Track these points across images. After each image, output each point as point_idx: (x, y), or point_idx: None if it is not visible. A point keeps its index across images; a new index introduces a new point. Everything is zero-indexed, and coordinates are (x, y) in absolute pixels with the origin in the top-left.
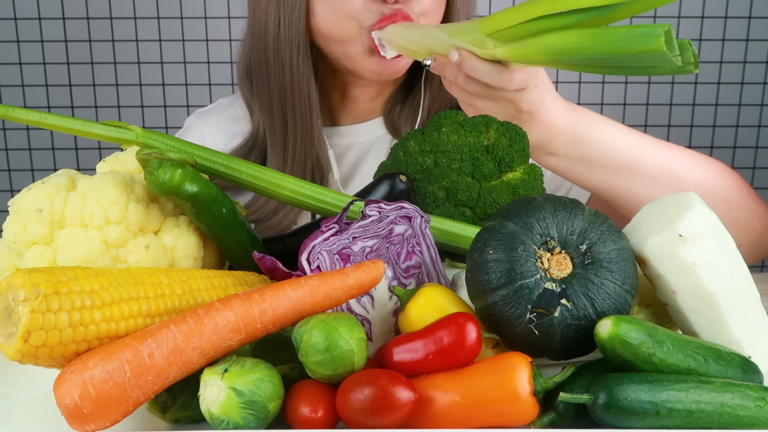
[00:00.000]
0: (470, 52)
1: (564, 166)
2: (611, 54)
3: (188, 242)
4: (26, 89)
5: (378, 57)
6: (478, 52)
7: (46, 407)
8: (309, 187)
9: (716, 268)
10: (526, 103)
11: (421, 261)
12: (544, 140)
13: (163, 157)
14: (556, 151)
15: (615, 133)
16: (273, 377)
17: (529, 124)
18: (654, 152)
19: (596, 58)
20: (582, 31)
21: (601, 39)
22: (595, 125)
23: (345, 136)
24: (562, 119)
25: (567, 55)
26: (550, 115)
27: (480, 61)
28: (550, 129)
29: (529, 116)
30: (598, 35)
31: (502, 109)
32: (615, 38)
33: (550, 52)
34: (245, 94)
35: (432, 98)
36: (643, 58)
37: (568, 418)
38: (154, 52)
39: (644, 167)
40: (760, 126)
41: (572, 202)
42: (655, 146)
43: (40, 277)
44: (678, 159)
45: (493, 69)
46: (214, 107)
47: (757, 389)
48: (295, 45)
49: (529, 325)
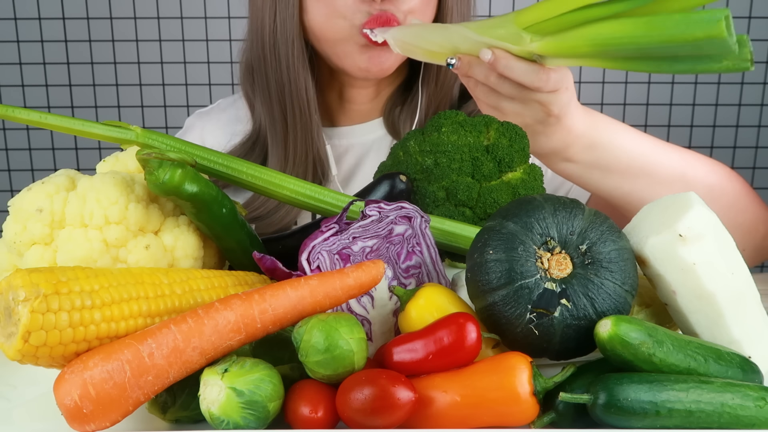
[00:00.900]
0: (505, 51)
1: (579, 173)
2: (666, 43)
3: (188, 242)
4: (26, 89)
5: (366, 54)
6: (513, 49)
7: (46, 407)
8: (309, 187)
9: (716, 268)
10: (556, 106)
11: (421, 261)
12: (564, 145)
13: (163, 157)
14: (572, 157)
15: (630, 138)
16: (273, 377)
17: (554, 128)
18: (667, 157)
19: (649, 48)
20: (633, 20)
21: (655, 26)
22: (610, 130)
23: (344, 137)
24: (580, 124)
25: (616, 46)
26: (573, 119)
27: (516, 60)
28: (571, 133)
29: (556, 120)
30: (652, 22)
31: (531, 112)
32: (670, 24)
33: (596, 44)
34: (246, 91)
35: (429, 98)
36: (700, 47)
37: (568, 418)
38: (154, 52)
39: (658, 172)
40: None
41: (572, 202)
42: (667, 151)
43: (40, 277)
44: (689, 163)
45: (531, 68)
46: (214, 108)
47: (757, 389)
48: (290, 41)
49: (529, 325)
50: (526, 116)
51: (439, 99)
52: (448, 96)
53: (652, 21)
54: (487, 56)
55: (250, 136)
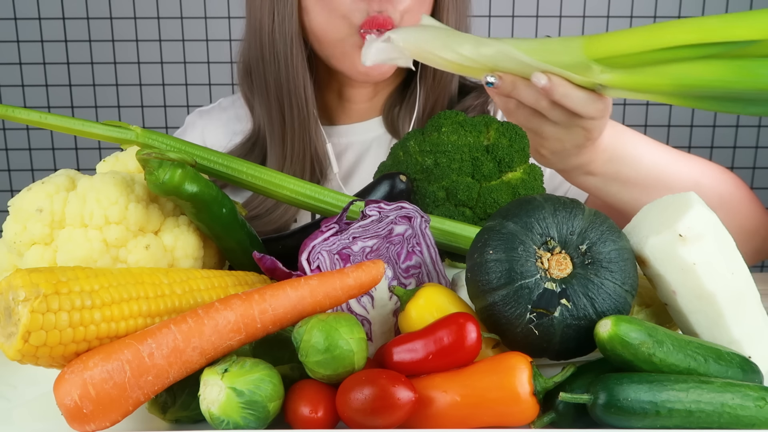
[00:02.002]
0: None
1: (599, 185)
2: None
3: (188, 242)
4: (26, 89)
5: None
6: (576, 79)
7: (46, 407)
8: (309, 187)
9: (716, 268)
10: (598, 131)
11: (421, 261)
12: (588, 160)
13: (163, 157)
14: (594, 170)
15: (648, 150)
16: (273, 377)
17: (587, 149)
18: (682, 166)
19: (737, 92)
20: (723, 63)
21: (747, 72)
22: (630, 142)
23: (344, 135)
24: (606, 138)
25: (702, 88)
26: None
27: (575, 89)
28: (597, 149)
29: (591, 142)
30: (744, 67)
31: (573, 137)
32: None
33: (679, 84)
34: (245, 92)
35: (427, 94)
36: None
37: (568, 418)
38: (154, 52)
39: (674, 182)
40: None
41: (572, 202)
42: (682, 160)
43: (40, 277)
44: (703, 173)
45: (589, 98)
46: (215, 107)
47: (757, 389)
48: (288, 39)
49: (529, 325)
50: (566, 141)
51: (437, 95)
52: (446, 92)
53: (744, 66)
54: (542, 82)
55: (249, 137)
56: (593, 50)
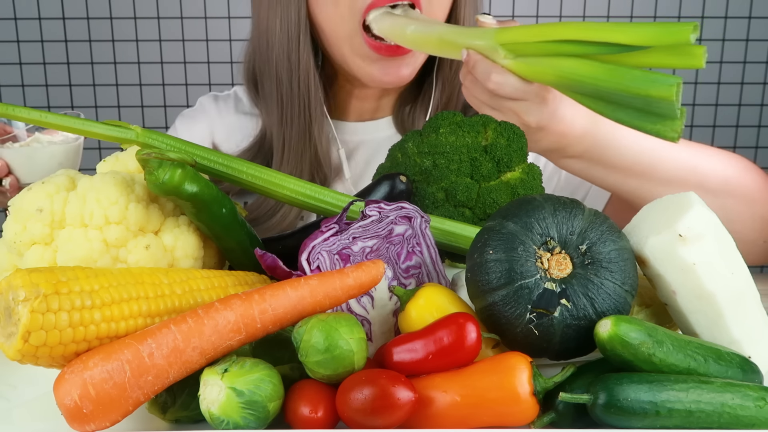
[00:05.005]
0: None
1: (582, 168)
2: (621, 91)
3: (188, 242)
4: (26, 89)
5: (378, 64)
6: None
7: (46, 407)
8: (309, 187)
9: (716, 268)
10: (532, 117)
11: (421, 261)
12: (559, 146)
13: (163, 157)
14: (573, 154)
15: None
16: (273, 377)
17: (540, 135)
18: (676, 152)
19: (604, 92)
20: (598, 63)
21: (616, 74)
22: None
23: (355, 133)
24: (579, 126)
25: (577, 83)
26: (564, 124)
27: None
28: (566, 137)
29: (537, 129)
30: (614, 71)
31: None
32: (629, 77)
33: (561, 76)
34: (251, 95)
35: (442, 90)
36: (649, 102)
37: (568, 418)
38: (154, 52)
39: (666, 168)
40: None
41: (572, 202)
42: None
43: (40, 277)
44: (701, 157)
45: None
46: (230, 95)
47: (757, 389)
48: (294, 36)
49: (529, 325)
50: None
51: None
52: (459, 95)
53: (615, 69)
54: (463, 55)
55: (256, 139)
56: (502, 36)
